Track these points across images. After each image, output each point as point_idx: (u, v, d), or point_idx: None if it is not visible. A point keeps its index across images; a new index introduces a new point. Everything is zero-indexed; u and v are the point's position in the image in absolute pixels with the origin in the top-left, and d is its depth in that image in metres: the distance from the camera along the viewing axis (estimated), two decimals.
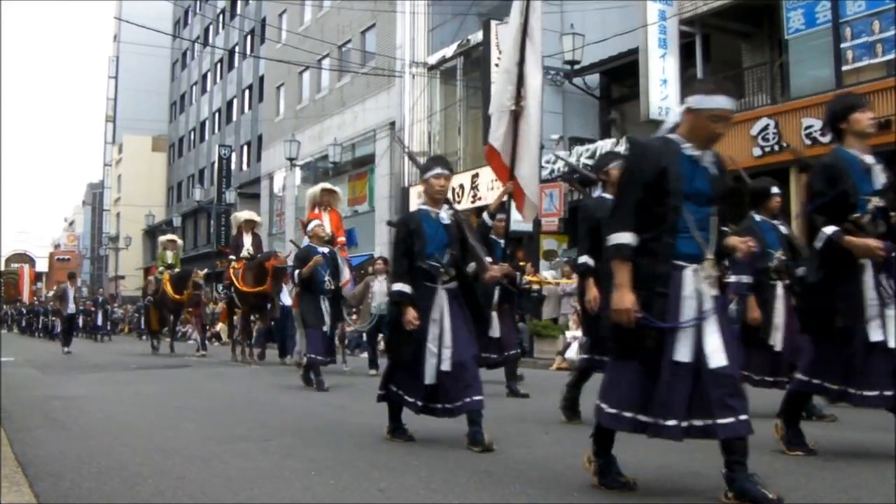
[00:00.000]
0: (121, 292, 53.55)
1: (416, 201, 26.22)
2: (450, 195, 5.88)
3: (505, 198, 7.73)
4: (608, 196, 6.14)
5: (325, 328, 9.96)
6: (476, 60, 24.27)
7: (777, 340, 6.58)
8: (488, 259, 6.00)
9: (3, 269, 63.97)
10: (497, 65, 21.30)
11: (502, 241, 9.31)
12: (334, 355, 10.31)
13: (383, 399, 5.70)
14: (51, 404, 8.11)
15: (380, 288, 12.70)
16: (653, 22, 17.47)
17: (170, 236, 21.77)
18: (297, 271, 10.33)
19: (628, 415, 3.79)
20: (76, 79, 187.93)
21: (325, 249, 10.32)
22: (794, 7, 15.80)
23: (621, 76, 20.55)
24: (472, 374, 5.37)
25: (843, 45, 15.02)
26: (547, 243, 19.38)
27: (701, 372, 3.68)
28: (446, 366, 5.32)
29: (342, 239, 13.36)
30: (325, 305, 10.07)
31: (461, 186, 23.96)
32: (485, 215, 8.88)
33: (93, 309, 31.66)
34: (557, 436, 5.91)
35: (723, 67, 18.53)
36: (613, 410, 3.83)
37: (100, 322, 31.73)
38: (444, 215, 5.59)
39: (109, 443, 5.65)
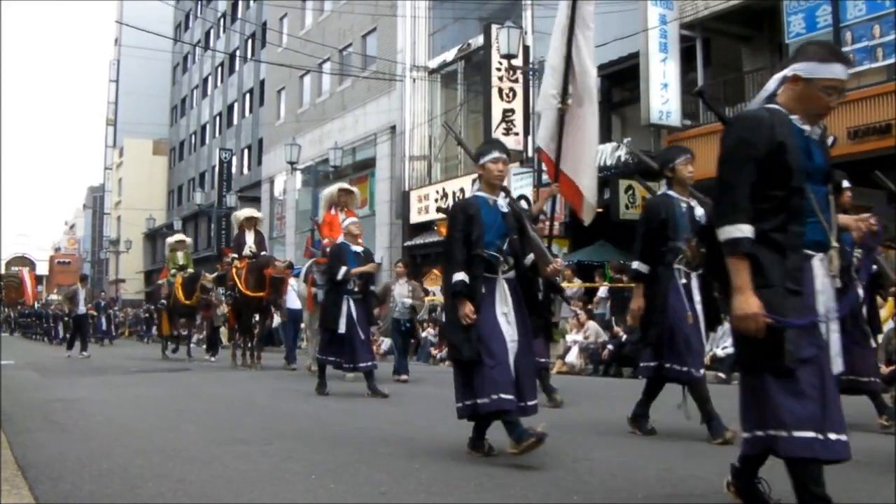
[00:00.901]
0: (121, 296, 53.54)
1: (415, 205, 26.36)
2: (450, 201, 5.81)
3: (549, 200, 7.53)
4: (675, 195, 5.97)
5: (341, 330, 9.22)
6: (477, 65, 24.31)
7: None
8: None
9: (2, 272, 64.05)
10: (498, 69, 21.36)
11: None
12: (356, 361, 9.30)
13: (468, 414, 5.13)
14: (51, 407, 8.10)
15: (399, 291, 12.42)
16: (653, 26, 17.48)
17: (178, 237, 21.07)
18: (330, 268, 9.56)
19: (820, 437, 3.13)
20: (77, 82, 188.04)
21: (360, 248, 9.76)
22: (795, 11, 15.81)
23: (622, 80, 20.55)
24: (532, 368, 5.26)
25: (843, 49, 15.02)
26: None
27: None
28: (512, 359, 5.03)
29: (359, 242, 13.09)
30: (347, 307, 9.31)
31: (461, 190, 23.96)
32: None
33: (94, 313, 31.47)
34: (558, 439, 5.90)
35: (723, 71, 18.55)
36: (809, 434, 3.11)
37: (103, 326, 31.27)
38: (502, 202, 5.24)
39: (110, 445, 5.64)
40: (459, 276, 5.00)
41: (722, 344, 11.72)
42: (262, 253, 15.52)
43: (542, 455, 4.98)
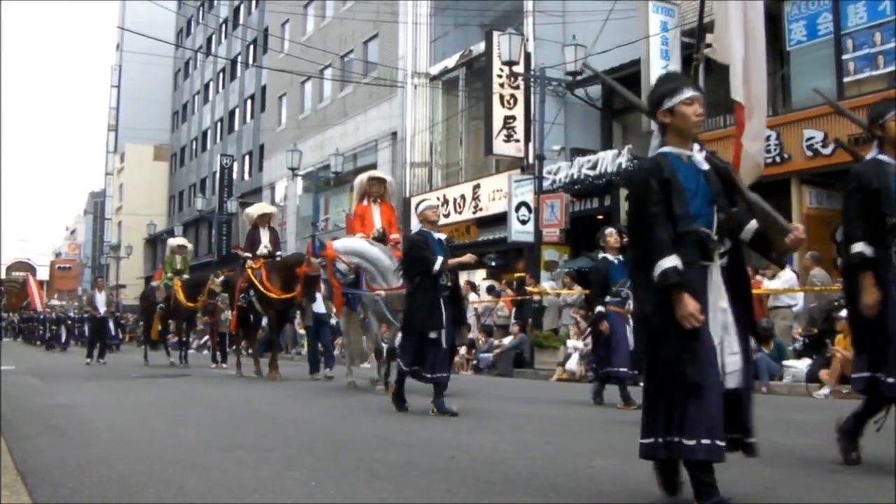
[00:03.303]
0: (121, 301, 53.52)
1: (414, 218, 26.26)
2: (451, 207, 5.42)
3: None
4: (886, 159, 4.76)
5: (434, 334, 7.75)
6: (478, 71, 24.33)
7: None
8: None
9: (3, 277, 64.05)
10: (499, 75, 21.38)
11: (619, 257, 8.84)
12: (435, 371, 7.82)
13: (654, 454, 3.69)
14: (51, 412, 8.10)
15: None
16: (655, 33, 17.50)
17: (180, 241, 20.66)
18: (417, 261, 8.01)
19: None
20: (78, 87, 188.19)
21: (443, 236, 8.38)
22: (796, 18, 15.85)
23: (623, 87, 20.56)
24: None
25: (844, 57, 15.05)
26: (548, 254, 19.39)
27: None
28: (735, 381, 3.62)
29: (396, 237, 11.49)
30: (442, 306, 7.90)
31: (462, 197, 23.99)
32: None
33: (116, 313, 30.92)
34: (558, 446, 5.89)
35: (725, 79, 18.50)
36: None
37: (112, 331, 30.64)
38: (699, 157, 3.82)
39: (110, 451, 5.64)
40: (669, 261, 3.55)
41: None
42: (278, 253, 14.47)
43: (542, 462, 4.96)
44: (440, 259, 7.82)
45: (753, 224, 3.80)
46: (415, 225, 18.80)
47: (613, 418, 7.70)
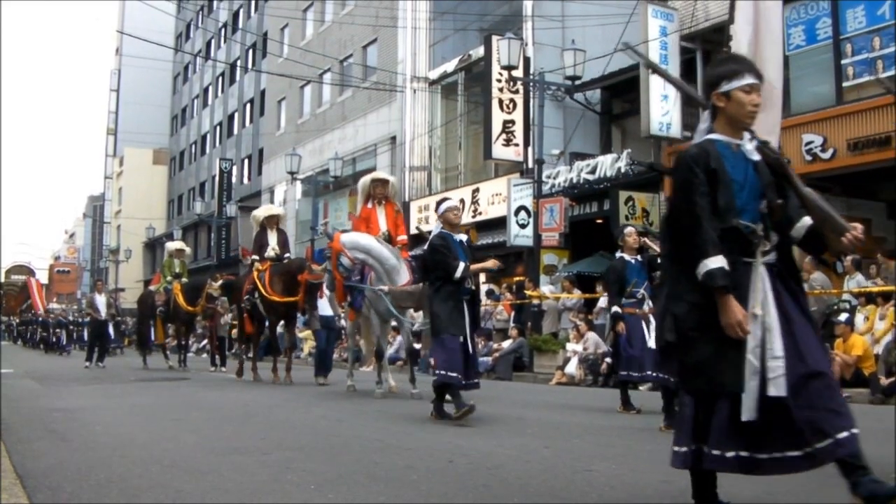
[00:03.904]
0: (120, 305, 53.51)
1: (415, 215, 26.32)
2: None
3: None
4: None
5: (462, 338, 7.58)
6: (477, 76, 24.37)
7: None
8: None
9: (2, 280, 64.03)
10: (498, 80, 21.42)
11: (636, 258, 8.68)
12: (468, 377, 7.69)
13: (691, 464, 3.43)
14: (50, 416, 8.09)
15: None
16: (654, 38, 17.53)
17: (178, 244, 20.53)
18: (439, 264, 7.68)
19: None
20: (77, 91, 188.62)
21: (463, 237, 8.06)
22: (795, 23, 15.87)
23: (622, 92, 20.62)
24: (835, 390, 3.38)
25: (843, 62, 15.08)
26: (547, 258, 19.39)
27: None
28: (778, 388, 3.25)
29: (403, 238, 11.39)
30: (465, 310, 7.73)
31: (461, 201, 23.98)
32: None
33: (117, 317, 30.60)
34: (557, 450, 5.89)
35: None
36: None
37: (112, 335, 28.41)
38: (750, 146, 3.51)
39: (108, 455, 5.63)
40: (715, 261, 3.26)
41: None
42: (287, 255, 14.25)
43: (541, 466, 4.96)
44: (462, 265, 7.56)
45: (806, 221, 3.48)
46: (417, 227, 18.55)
47: (612, 422, 7.70)
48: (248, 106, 44.83)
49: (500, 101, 21.62)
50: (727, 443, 3.27)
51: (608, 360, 13.97)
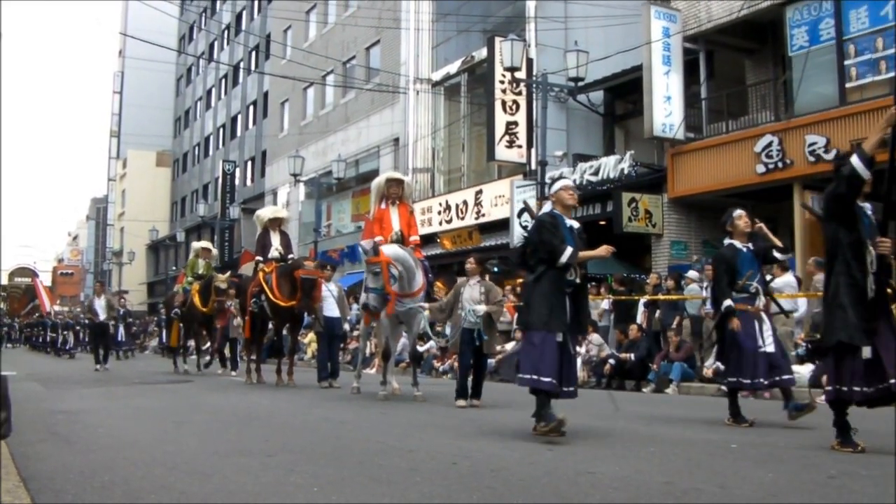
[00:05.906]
0: (128, 307, 53.54)
1: (417, 217, 26.27)
2: (453, 213, 5.10)
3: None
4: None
5: (559, 337, 6.40)
6: (480, 77, 24.39)
7: None
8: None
9: (6, 282, 64.08)
10: (501, 81, 21.42)
11: (748, 245, 7.73)
12: (575, 382, 6.77)
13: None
14: (54, 418, 8.10)
15: (470, 294, 9.72)
16: (657, 39, 17.52)
17: (204, 244, 19.90)
18: (545, 246, 6.58)
19: None
20: (81, 93, 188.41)
21: (576, 224, 6.98)
22: (798, 24, 15.85)
23: (625, 93, 20.62)
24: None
25: (846, 62, 15.05)
26: None
27: None
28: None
29: (415, 238, 11.17)
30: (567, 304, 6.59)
31: (464, 202, 23.99)
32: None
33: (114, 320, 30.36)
34: (561, 453, 5.88)
35: (727, 84, 18.58)
36: None
37: (121, 337, 27.98)
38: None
39: (112, 457, 5.64)
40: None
41: None
42: (290, 256, 14.04)
43: (544, 468, 4.95)
44: (570, 250, 6.46)
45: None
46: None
47: (613, 425, 7.70)
48: (252, 108, 44.88)
49: (503, 103, 21.63)
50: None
51: (611, 361, 13.99)
